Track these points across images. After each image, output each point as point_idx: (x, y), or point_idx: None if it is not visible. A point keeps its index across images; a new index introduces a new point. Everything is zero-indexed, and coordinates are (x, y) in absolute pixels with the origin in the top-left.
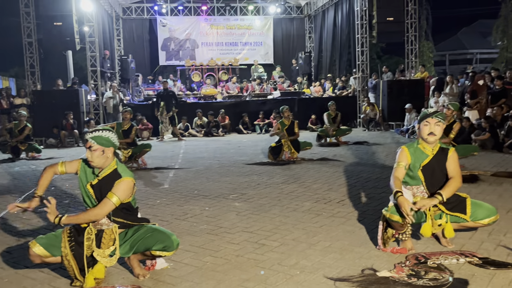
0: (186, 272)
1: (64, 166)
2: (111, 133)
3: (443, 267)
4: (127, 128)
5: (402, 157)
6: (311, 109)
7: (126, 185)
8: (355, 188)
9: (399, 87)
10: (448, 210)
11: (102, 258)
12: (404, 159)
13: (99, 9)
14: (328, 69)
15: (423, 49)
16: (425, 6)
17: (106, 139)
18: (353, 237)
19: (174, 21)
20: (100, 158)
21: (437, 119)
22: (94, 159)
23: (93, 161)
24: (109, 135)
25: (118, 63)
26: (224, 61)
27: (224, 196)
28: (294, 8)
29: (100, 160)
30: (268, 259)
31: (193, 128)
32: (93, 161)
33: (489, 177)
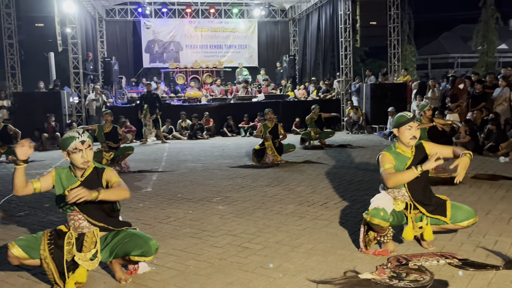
0: (168, 276)
1: (39, 183)
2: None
3: (424, 269)
4: (109, 130)
5: (386, 160)
6: (295, 112)
7: (114, 172)
8: (338, 190)
9: (382, 90)
10: (429, 213)
11: (83, 262)
12: (389, 161)
13: (81, 10)
14: (312, 72)
15: (406, 53)
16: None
17: (90, 137)
18: (336, 240)
19: (158, 23)
20: (92, 156)
21: (417, 123)
22: (90, 158)
23: (90, 160)
24: (89, 135)
25: (101, 65)
26: (208, 63)
27: (207, 199)
28: (279, 11)
29: (92, 158)
30: (251, 262)
31: (177, 131)
32: (90, 160)
33: (469, 180)
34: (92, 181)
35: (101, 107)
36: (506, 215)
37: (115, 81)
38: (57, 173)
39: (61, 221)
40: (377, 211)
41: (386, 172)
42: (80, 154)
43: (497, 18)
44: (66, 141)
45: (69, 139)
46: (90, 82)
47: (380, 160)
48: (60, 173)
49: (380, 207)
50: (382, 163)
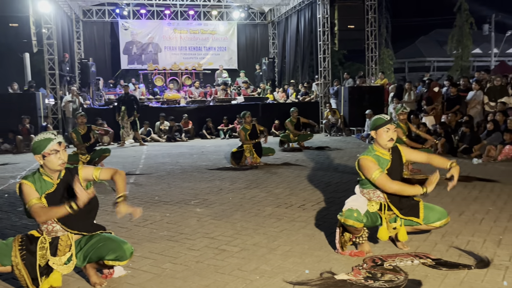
0: (144, 280)
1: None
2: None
3: (398, 269)
4: (85, 132)
5: (373, 165)
6: (275, 114)
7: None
8: (316, 192)
9: (360, 93)
10: (402, 215)
11: (58, 266)
12: (377, 166)
13: (58, 10)
14: (291, 75)
15: (383, 57)
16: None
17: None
18: (313, 241)
19: (136, 24)
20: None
21: (395, 125)
22: (66, 159)
23: (66, 161)
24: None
25: (78, 67)
26: (187, 65)
27: (185, 202)
28: (258, 14)
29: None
30: (228, 264)
31: (156, 133)
32: (66, 161)
33: (444, 181)
34: (67, 182)
35: (77, 109)
36: (478, 216)
37: (92, 82)
38: (31, 181)
39: (34, 225)
40: (351, 212)
41: (384, 177)
42: (58, 156)
43: (471, 23)
44: (42, 143)
45: (45, 141)
46: (66, 83)
47: (364, 165)
48: (32, 180)
49: (354, 208)
50: (370, 169)
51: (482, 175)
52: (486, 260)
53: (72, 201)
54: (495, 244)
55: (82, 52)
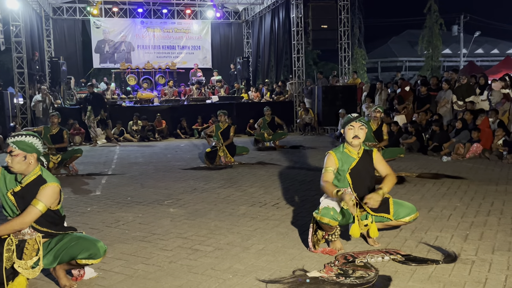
0: (116, 281)
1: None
2: (35, 138)
3: (369, 265)
4: (55, 132)
5: (330, 162)
6: (249, 114)
7: (52, 191)
8: (290, 191)
9: (333, 93)
10: (373, 211)
11: (23, 270)
12: (332, 164)
13: (26, 8)
14: (265, 74)
15: (356, 56)
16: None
17: (29, 144)
18: (286, 239)
19: (108, 23)
20: (21, 164)
21: (360, 123)
22: (15, 165)
23: (13, 167)
24: (33, 141)
25: (48, 65)
26: (161, 64)
27: (158, 202)
28: (232, 13)
29: (21, 166)
30: (201, 264)
31: (128, 133)
32: (13, 166)
33: (414, 178)
34: (31, 189)
35: (48, 109)
36: (446, 212)
37: (63, 81)
38: (3, 172)
39: None
40: (327, 210)
41: (324, 175)
42: (7, 157)
43: (441, 24)
44: None
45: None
46: (36, 82)
47: (325, 160)
48: (5, 173)
49: (330, 206)
50: (326, 164)
51: (450, 172)
52: (453, 255)
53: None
54: (462, 239)
55: (53, 50)
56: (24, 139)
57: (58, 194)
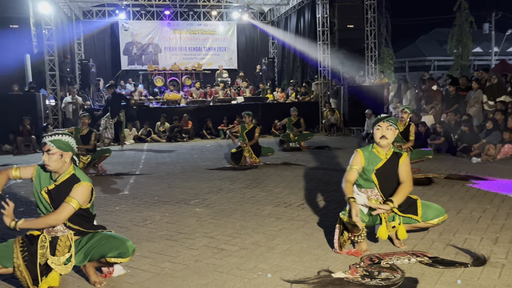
0: (143, 279)
1: (18, 170)
2: (70, 137)
3: (395, 267)
4: (85, 133)
5: (356, 160)
6: (275, 114)
7: (85, 189)
8: (315, 191)
9: (360, 93)
10: (401, 212)
11: (56, 266)
12: (358, 163)
13: (58, 12)
14: (291, 74)
15: (383, 56)
16: (384, 14)
17: (66, 143)
18: (311, 240)
19: (136, 25)
20: (58, 162)
21: (388, 123)
22: (51, 163)
23: (50, 165)
24: (69, 140)
25: (78, 67)
26: (187, 66)
27: (185, 202)
28: (258, 14)
29: (57, 164)
30: (227, 263)
31: (156, 133)
32: (50, 164)
33: (442, 180)
34: (65, 187)
35: (77, 110)
36: (476, 214)
37: (92, 83)
38: (38, 170)
39: None
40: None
41: (347, 173)
42: (44, 156)
43: (471, 22)
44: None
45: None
46: (67, 84)
47: (352, 157)
48: (40, 171)
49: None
50: (351, 162)
51: (480, 173)
52: (483, 258)
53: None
54: (492, 242)
55: (83, 53)
56: (60, 138)
57: (90, 193)
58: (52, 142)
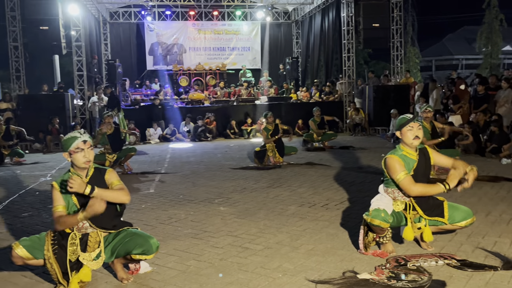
0: (169, 276)
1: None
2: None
3: (422, 269)
4: (111, 132)
5: (399, 166)
6: (298, 114)
7: (116, 174)
8: (339, 192)
9: (385, 92)
10: (427, 215)
11: (87, 262)
12: (403, 167)
13: (86, 13)
14: (315, 74)
15: (409, 55)
16: (411, 13)
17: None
18: (336, 240)
19: (161, 25)
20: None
21: (418, 123)
22: (92, 157)
23: (91, 159)
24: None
25: (105, 68)
26: (211, 66)
27: (209, 201)
28: (282, 13)
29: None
30: (251, 262)
31: (180, 133)
32: (92, 159)
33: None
34: (96, 181)
35: (103, 110)
36: (506, 216)
37: (119, 83)
38: (58, 186)
39: None
40: (378, 212)
41: (408, 180)
42: (82, 154)
43: (501, 20)
44: (68, 141)
45: (71, 139)
46: (94, 84)
47: (390, 165)
48: (60, 183)
49: (381, 208)
50: (396, 170)
51: (510, 175)
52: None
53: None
54: None
55: (109, 53)
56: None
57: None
58: (89, 138)
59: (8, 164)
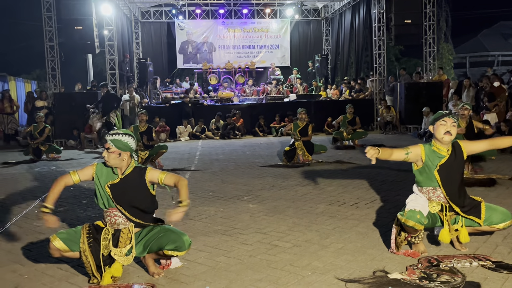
0: (199, 272)
1: (76, 174)
2: (130, 138)
3: (455, 270)
4: (144, 130)
5: (414, 148)
6: (328, 112)
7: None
8: (369, 190)
9: (417, 90)
10: (463, 213)
11: (119, 257)
12: (415, 151)
13: (118, 13)
14: (345, 71)
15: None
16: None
17: (125, 144)
18: (366, 239)
19: (191, 24)
20: (116, 160)
21: (453, 120)
22: (110, 160)
23: (109, 162)
24: (128, 140)
25: (136, 66)
26: (241, 64)
27: (238, 198)
28: (311, 10)
29: (116, 162)
30: (280, 260)
31: (210, 130)
32: (109, 161)
33: (507, 181)
34: (132, 179)
35: (134, 107)
36: None
37: (150, 81)
38: (98, 167)
39: (97, 217)
40: (413, 213)
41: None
42: (104, 153)
43: None
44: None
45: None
46: (126, 83)
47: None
48: (101, 167)
49: (417, 209)
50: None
51: None
52: None
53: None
54: None
55: (141, 52)
56: (120, 138)
57: None
58: (112, 141)
59: (45, 160)
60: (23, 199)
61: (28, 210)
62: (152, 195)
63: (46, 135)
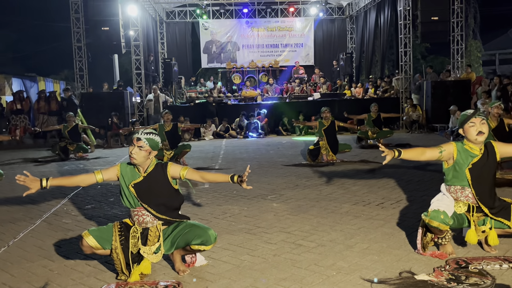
0: (224, 270)
1: (100, 174)
2: (159, 138)
3: (485, 273)
4: (169, 129)
5: (447, 146)
6: (352, 110)
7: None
8: (395, 190)
9: (444, 88)
10: (492, 214)
11: (148, 255)
12: (448, 149)
13: (143, 13)
14: (369, 70)
15: (471, 49)
16: (472, 4)
17: (156, 143)
18: (391, 240)
19: (215, 24)
20: (144, 158)
21: (481, 118)
22: (139, 158)
23: (136, 158)
24: (158, 140)
25: (161, 66)
26: (264, 63)
27: (262, 197)
28: (336, 9)
29: (143, 160)
30: (305, 259)
31: (233, 129)
32: (137, 158)
33: None
34: (155, 176)
35: (159, 107)
36: None
37: (174, 81)
38: (122, 167)
39: (124, 215)
40: (437, 214)
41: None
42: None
43: None
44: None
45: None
46: (151, 82)
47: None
48: (125, 167)
49: (441, 209)
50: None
51: None
52: None
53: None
54: None
55: (165, 52)
56: (153, 138)
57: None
58: (147, 140)
59: (73, 158)
60: (52, 196)
61: (57, 208)
62: (176, 189)
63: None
